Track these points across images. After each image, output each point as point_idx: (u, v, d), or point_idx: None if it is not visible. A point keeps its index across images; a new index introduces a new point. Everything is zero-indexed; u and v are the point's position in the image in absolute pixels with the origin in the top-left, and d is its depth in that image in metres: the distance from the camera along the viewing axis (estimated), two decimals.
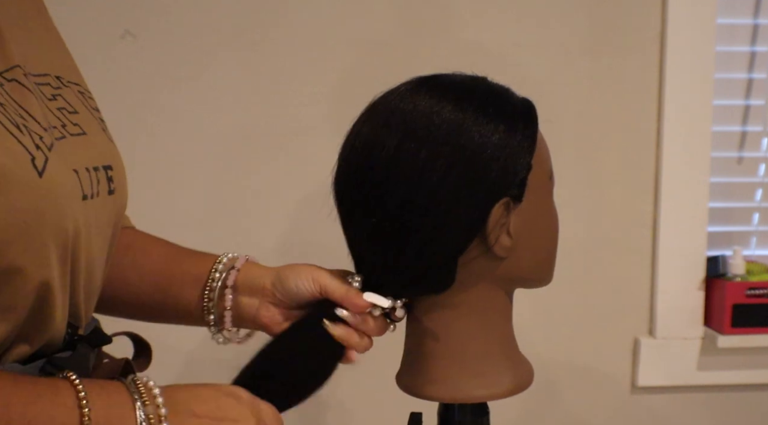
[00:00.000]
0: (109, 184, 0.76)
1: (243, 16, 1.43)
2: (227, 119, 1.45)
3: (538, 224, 0.82)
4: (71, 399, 0.65)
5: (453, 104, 0.77)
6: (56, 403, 0.64)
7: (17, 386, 0.64)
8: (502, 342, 0.85)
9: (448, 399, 0.84)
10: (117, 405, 0.67)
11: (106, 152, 0.78)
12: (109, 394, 0.68)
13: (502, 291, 0.84)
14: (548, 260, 0.87)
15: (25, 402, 0.63)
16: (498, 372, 0.83)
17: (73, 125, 0.74)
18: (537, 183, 0.81)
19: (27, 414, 0.62)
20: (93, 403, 0.65)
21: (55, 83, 0.77)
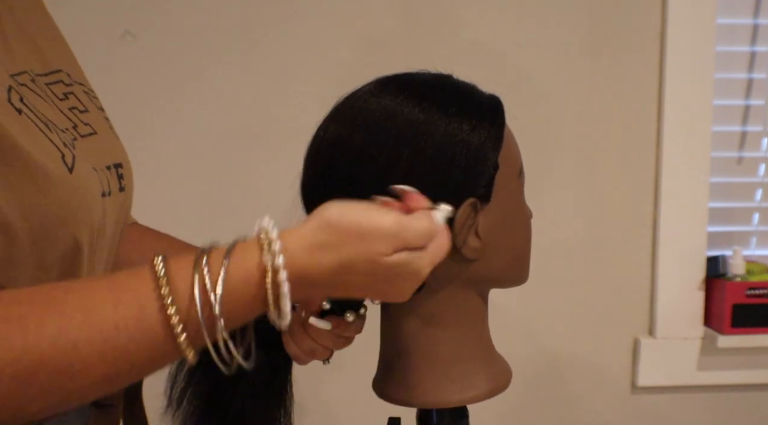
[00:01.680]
0: (120, 182, 0.76)
1: (243, 16, 1.43)
2: (227, 119, 1.45)
3: (508, 223, 0.80)
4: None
5: (417, 104, 0.75)
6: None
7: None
8: (478, 344, 0.83)
9: (425, 405, 0.82)
10: None
11: (116, 150, 0.79)
12: None
13: (474, 293, 0.82)
14: (521, 260, 0.84)
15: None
16: (474, 375, 0.81)
17: (84, 125, 0.74)
18: (505, 182, 0.78)
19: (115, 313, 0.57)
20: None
21: (67, 80, 0.77)
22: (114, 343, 0.56)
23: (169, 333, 0.57)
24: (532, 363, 1.53)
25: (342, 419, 1.51)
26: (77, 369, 0.55)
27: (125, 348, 0.56)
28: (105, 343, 0.56)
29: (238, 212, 1.46)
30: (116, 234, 0.78)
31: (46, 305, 0.56)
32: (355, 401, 1.32)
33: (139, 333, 0.57)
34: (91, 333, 0.56)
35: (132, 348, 0.56)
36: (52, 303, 0.56)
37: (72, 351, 0.55)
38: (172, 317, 0.57)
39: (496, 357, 0.85)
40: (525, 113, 1.47)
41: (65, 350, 0.55)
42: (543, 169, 1.49)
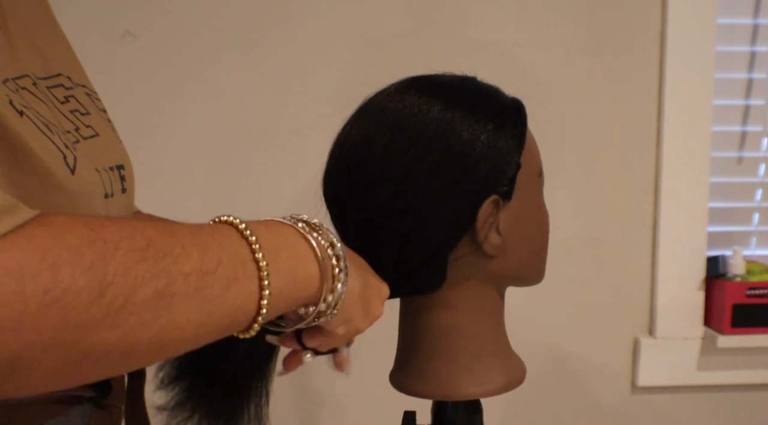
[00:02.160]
0: (122, 183, 0.76)
1: (243, 16, 1.43)
2: (227, 118, 1.45)
3: (527, 221, 0.83)
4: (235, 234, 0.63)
5: (442, 104, 0.77)
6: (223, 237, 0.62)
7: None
8: (494, 339, 0.85)
9: (440, 397, 0.84)
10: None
11: (118, 152, 0.79)
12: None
13: (493, 289, 0.84)
14: (539, 258, 0.87)
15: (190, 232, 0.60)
16: (490, 369, 0.84)
17: (86, 127, 0.74)
18: (526, 181, 0.81)
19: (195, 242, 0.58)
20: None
21: (67, 83, 0.77)
22: (210, 247, 0.59)
23: (256, 278, 0.61)
24: (533, 362, 1.51)
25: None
26: (176, 254, 0.55)
27: (218, 256, 0.59)
28: (196, 239, 0.58)
29: (237, 212, 1.46)
30: None
31: (148, 219, 0.61)
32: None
33: (234, 264, 0.60)
34: (189, 233, 0.58)
35: (222, 252, 0.59)
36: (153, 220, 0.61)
37: (173, 239, 0.56)
38: (256, 253, 0.61)
39: (511, 353, 0.88)
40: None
41: (170, 236, 0.56)
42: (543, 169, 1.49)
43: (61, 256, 0.48)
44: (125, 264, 0.51)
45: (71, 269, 0.49)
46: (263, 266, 0.61)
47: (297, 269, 0.65)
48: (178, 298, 0.55)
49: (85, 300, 0.49)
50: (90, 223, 0.52)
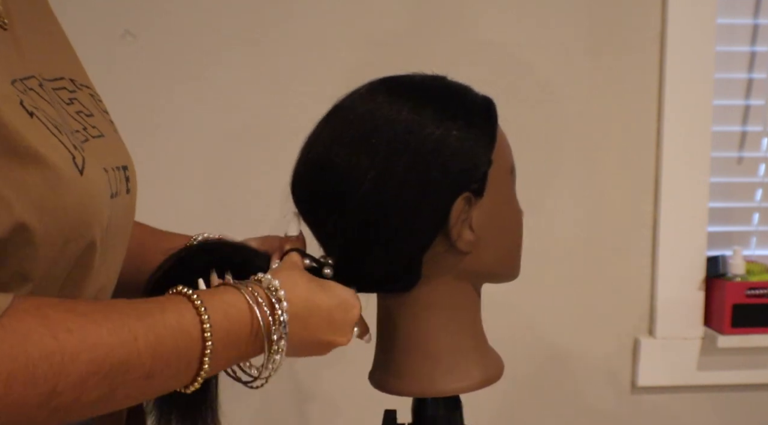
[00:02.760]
0: (126, 183, 0.77)
1: (243, 16, 1.44)
2: (227, 118, 1.45)
3: (500, 218, 0.83)
4: (189, 312, 0.66)
5: (412, 103, 0.78)
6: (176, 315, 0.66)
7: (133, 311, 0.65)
8: (471, 335, 0.86)
9: (420, 394, 0.85)
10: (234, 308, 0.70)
11: (122, 153, 0.80)
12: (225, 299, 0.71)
13: (469, 285, 0.84)
14: (512, 254, 0.87)
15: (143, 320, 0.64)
16: (468, 365, 0.84)
17: (92, 128, 0.75)
18: (498, 178, 0.82)
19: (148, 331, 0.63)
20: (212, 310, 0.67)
21: (70, 87, 0.78)
22: (163, 342, 0.63)
23: (201, 343, 0.66)
24: (533, 362, 1.53)
25: (343, 409, 1.51)
26: (131, 365, 0.60)
27: (171, 348, 0.64)
28: (156, 339, 0.62)
29: (238, 212, 1.46)
30: (126, 236, 0.79)
31: (106, 306, 0.63)
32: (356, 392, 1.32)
33: (181, 336, 0.64)
34: (147, 330, 0.62)
35: (173, 352, 0.64)
36: (109, 306, 0.64)
37: (132, 343, 0.60)
38: (206, 331, 0.66)
39: (488, 348, 0.88)
40: (525, 112, 1.47)
41: (127, 342, 0.60)
42: (543, 169, 1.49)
43: (16, 370, 0.54)
44: (78, 378, 0.57)
45: (23, 384, 0.54)
46: (206, 369, 0.66)
47: (239, 352, 0.70)
48: (120, 396, 0.61)
49: (33, 410, 0.56)
50: (57, 329, 0.57)
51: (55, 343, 0.56)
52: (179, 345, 0.64)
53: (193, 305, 0.67)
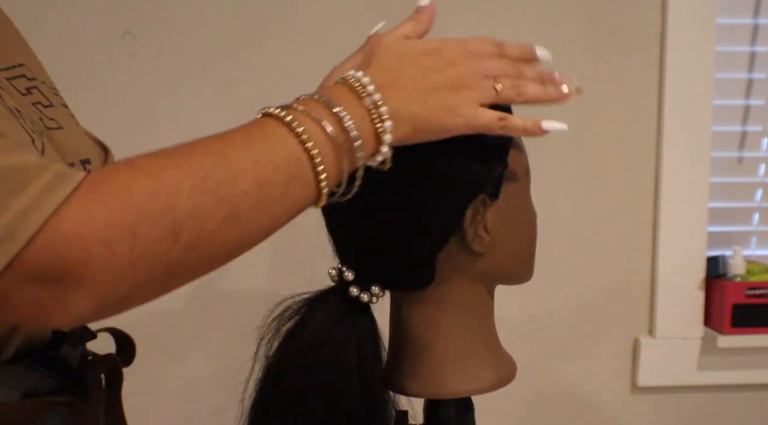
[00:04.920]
0: None
1: (243, 16, 1.43)
2: (227, 119, 1.45)
3: (515, 220, 0.83)
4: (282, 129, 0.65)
5: None
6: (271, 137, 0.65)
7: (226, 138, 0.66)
8: (484, 336, 0.86)
9: (432, 395, 0.85)
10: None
11: (84, 146, 0.79)
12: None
13: (482, 287, 0.85)
14: (527, 256, 0.88)
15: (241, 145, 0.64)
16: (480, 366, 0.84)
17: (49, 120, 0.74)
18: (513, 180, 0.82)
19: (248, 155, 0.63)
20: None
21: (30, 74, 0.77)
22: (255, 146, 0.64)
23: (296, 139, 0.64)
24: (532, 363, 1.53)
25: None
26: (233, 176, 0.60)
27: (266, 150, 0.64)
28: (246, 148, 0.63)
29: None
30: None
31: (186, 145, 0.64)
32: None
33: (272, 137, 0.65)
34: (235, 143, 0.64)
35: (269, 153, 0.63)
36: (188, 144, 0.64)
37: (224, 158, 0.61)
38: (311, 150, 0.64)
39: (502, 351, 0.88)
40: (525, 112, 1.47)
41: (219, 160, 0.61)
42: (543, 169, 1.48)
43: (135, 215, 0.55)
44: (190, 204, 0.58)
45: (146, 224, 0.56)
46: (314, 155, 0.64)
47: (346, 144, 0.66)
48: (244, 214, 0.61)
49: (165, 246, 0.57)
50: (150, 170, 0.58)
51: (154, 182, 0.57)
52: (275, 145, 0.64)
53: (276, 116, 0.66)
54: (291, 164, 0.64)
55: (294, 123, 0.65)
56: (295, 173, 0.64)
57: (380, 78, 0.69)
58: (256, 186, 0.61)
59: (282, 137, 0.64)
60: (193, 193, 0.58)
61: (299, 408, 0.79)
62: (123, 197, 0.56)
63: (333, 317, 0.81)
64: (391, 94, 0.68)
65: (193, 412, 1.42)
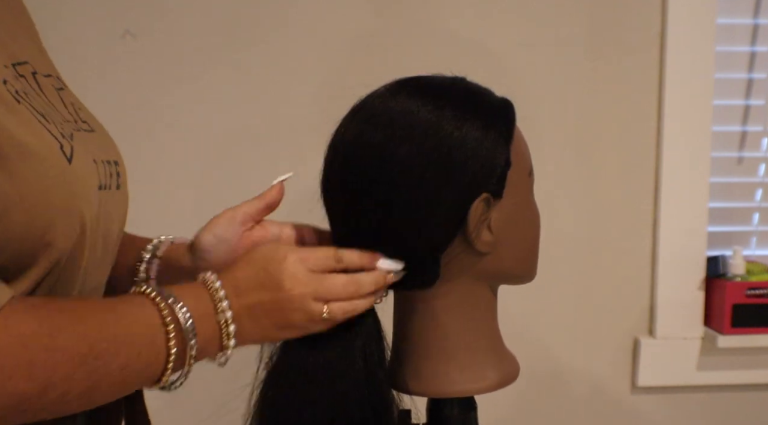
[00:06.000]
0: (117, 179, 0.78)
1: (243, 16, 1.43)
2: (227, 119, 1.45)
3: (518, 219, 0.84)
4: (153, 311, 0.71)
5: (432, 104, 0.79)
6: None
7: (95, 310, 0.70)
8: (487, 336, 0.86)
9: (435, 395, 0.85)
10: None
11: (113, 148, 0.80)
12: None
13: (486, 287, 0.85)
14: (530, 256, 0.88)
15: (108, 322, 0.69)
16: (484, 366, 0.84)
17: (82, 122, 0.76)
18: (517, 179, 0.82)
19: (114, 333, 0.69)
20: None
21: (57, 84, 0.78)
22: (133, 333, 0.69)
23: (163, 330, 0.71)
24: (532, 362, 1.52)
25: None
26: (110, 355, 0.66)
27: (140, 339, 0.70)
28: (128, 332, 0.69)
29: None
30: (118, 231, 0.79)
31: (86, 304, 0.70)
32: None
33: (147, 327, 0.70)
34: (124, 328, 0.69)
35: (142, 342, 0.70)
36: (89, 303, 0.71)
37: (112, 337, 0.67)
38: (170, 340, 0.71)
39: (505, 350, 0.88)
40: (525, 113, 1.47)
41: (107, 335, 0.67)
42: (543, 169, 1.48)
43: (17, 366, 0.61)
44: (68, 371, 0.64)
45: (23, 379, 0.62)
46: (172, 354, 0.71)
47: (201, 344, 0.74)
48: (104, 387, 0.68)
49: (31, 398, 0.63)
50: (50, 325, 0.64)
51: (51, 341, 0.63)
52: (146, 334, 0.70)
53: (153, 301, 0.71)
54: (151, 356, 0.70)
55: (167, 319, 0.71)
56: (152, 362, 0.71)
57: (230, 284, 0.76)
58: (122, 367, 0.68)
59: (156, 331, 0.70)
60: (74, 362, 0.64)
61: (306, 409, 0.79)
62: (12, 344, 0.61)
63: None
64: (237, 305, 0.75)
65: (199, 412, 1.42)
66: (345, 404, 0.80)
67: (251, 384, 0.84)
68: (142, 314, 0.70)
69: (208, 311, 0.74)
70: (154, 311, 0.71)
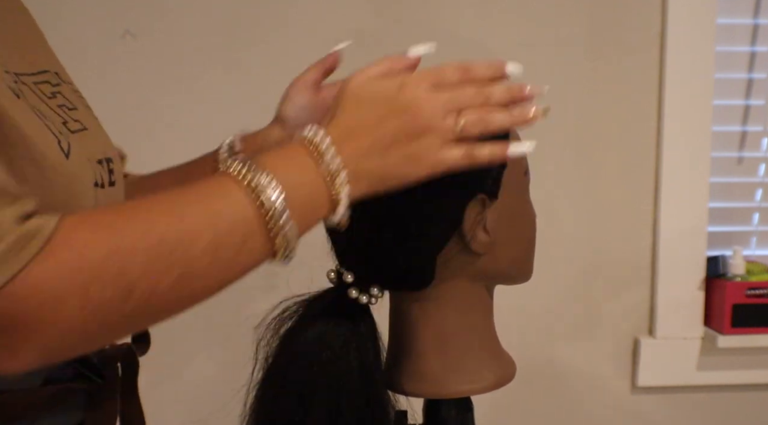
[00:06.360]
0: (110, 176, 0.78)
1: (243, 17, 1.44)
2: (227, 119, 1.45)
3: (515, 220, 0.83)
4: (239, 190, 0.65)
5: None
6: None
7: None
8: (484, 336, 0.86)
9: (432, 395, 0.85)
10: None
11: (106, 145, 0.81)
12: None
13: (482, 287, 0.85)
14: (526, 256, 0.88)
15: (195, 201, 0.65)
16: (480, 366, 0.84)
17: (74, 121, 0.76)
18: (512, 180, 0.82)
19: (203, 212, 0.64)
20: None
21: (54, 80, 0.79)
22: (212, 209, 0.64)
23: (253, 203, 0.65)
24: (532, 362, 1.53)
25: None
26: (187, 240, 0.62)
27: (223, 213, 0.64)
28: (204, 210, 0.64)
29: None
30: None
31: (147, 201, 0.65)
32: None
33: (228, 200, 0.65)
34: (192, 205, 0.64)
35: (226, 216, 0.64)
36: (149, 199, 0.65)
37: (179, 221, 0.63)
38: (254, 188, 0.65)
39: (501, 351, 0.88)
40: None
41: (173, 222, 0.63)
42: (543, 169, 1.49)
43: (87, 276, 0.59)
44: (143, 267, 0.60)
45: (98, 285, 0.59)
46: (269, 219, 0.64)
47: (305, 207, 0.67)
48: (197, 275, 0.63)
49: (116, 305, 0.60)
50: (107, 232, 0.61)
51: (109, 244, 0.60)
52: (231, 206, 0.64)
53: (234, 177, 0.65)
54: (246, 226, 0.64)
55: (252, 184, 0.65)
56: (249, 235, 0.65)
57: (338, 132, 0.68)
58: (211, 249, 0.63)
59: (238, 199, 0.65)
60: (147, 256, 0.61)
61: (303, 410, 0.79)
62: (78, 259, 0.59)
63: (333, 320, 0.80)
64: (349, 150, 0.68)
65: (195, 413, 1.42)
66: (341, 405, 0.79)
67: (247, 386, 0.84)
68: (223, 193, 0.65)
69: (308, 169, 0.67)
70: (237, 189, 0.64)
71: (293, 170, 0.67)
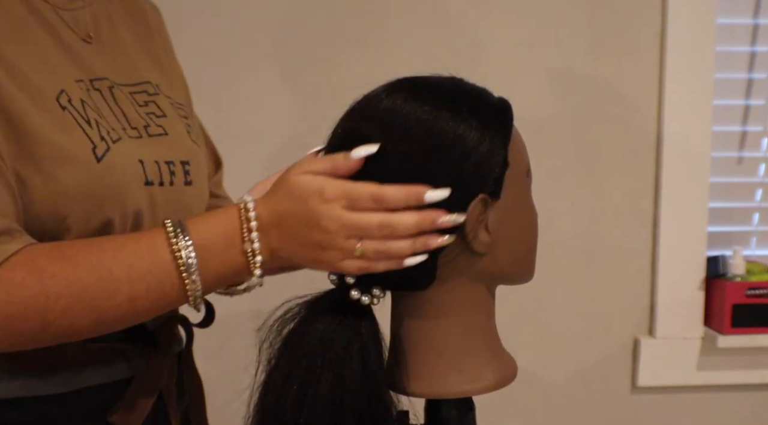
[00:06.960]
0: (185, 176, 0.89)
1: (243, 16, 1.43)
2: (226, 119, 1.45)
3: (516, 220, 0.83)
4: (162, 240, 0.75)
5: (429, 105, 0.78)
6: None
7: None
8: (485, 336, 0.85)
9: (433, 395, 0.84)
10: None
11: (186, 149, 0.91)
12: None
13: (483, 287, 0.84)
14: (528, 256, 0.87)
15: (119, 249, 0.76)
16: (481, 366, 0.84)
17: (156, 126, 0.88)
18: (514, 180, 0.82)
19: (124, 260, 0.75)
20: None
21: (152, 90, 0.91)
22: (135, 268, 0.74)
23: (174, 263, 0.75)
24: (532, 362, 1.53)
25: None
26: (110, 291, 0.73)
27: (145, 272, 0.74)
28: (130, 269, 0.74)
29: None
30: None
31: (89, 247, 0.76)
32: None
33: (153, 260, 0.75)
34: (120, 262, 0.74)
35: (147, 275, 0.74)
36: (92, 245, 0.76)
37: (108, 275, 0.73)
38: (176, 251, 0.75)
39: (502, 351, 0.88)
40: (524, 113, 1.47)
41: (103, 275, 0.73)
42: (543, 169, 1.48)
43: (12, 311, 0.72)
44: (64, 310, 0.73)
45: (20, 319, 0.72)
46: (186, 277, 0.75)
47: (224, 270, 0.77)
48: (111, 319, 0.75)
49: (33, 334, 0.74)
50: (38, 277, 0.72)
51: (40, 287, 0.72)
52: (152, 268, 0.74)
53: (165, 230, 0.75)
54: (165, 285, 0.75)
55: (175, 246, 0.74)
56: (167, 291, 0.75)
57: (269, 214, 0.76)
58: (129, 300, 0.74)
59: (163, 258, 0.74)
60: (70, 301, 0.73)
61: (305, 411, 0.79)
62: (7, 295, 0.72)
63: (335, 321, 0.80)
64: (273, 235, 0.76)
65: None
66: (343, 405, 0.79)
67: (250, 387, 0.84)
68: (151, 250, 0.75)
69: (232, 229, 0.76)
70: (164, 245, 0.74)
71: (219, 241, 0.76)
